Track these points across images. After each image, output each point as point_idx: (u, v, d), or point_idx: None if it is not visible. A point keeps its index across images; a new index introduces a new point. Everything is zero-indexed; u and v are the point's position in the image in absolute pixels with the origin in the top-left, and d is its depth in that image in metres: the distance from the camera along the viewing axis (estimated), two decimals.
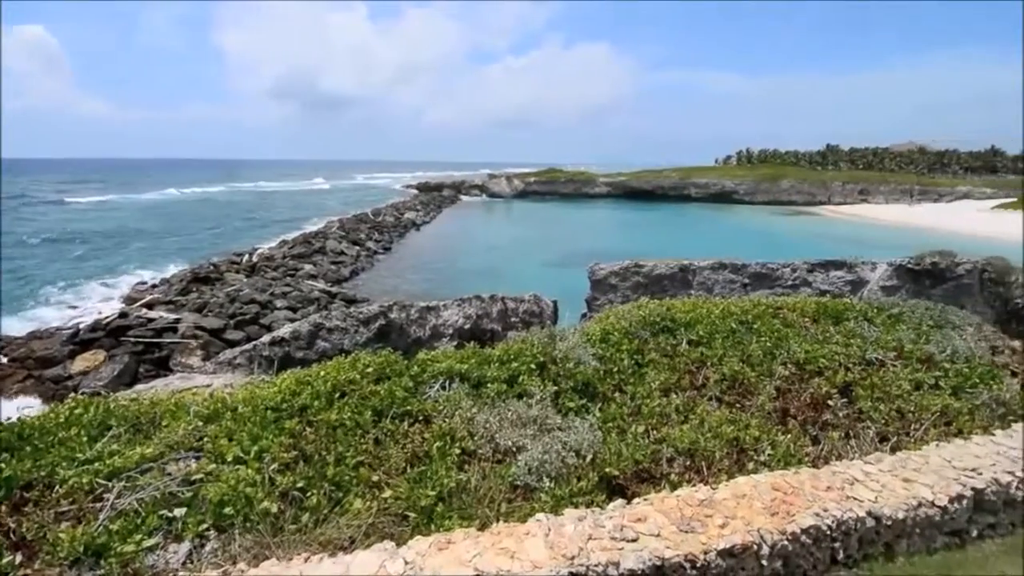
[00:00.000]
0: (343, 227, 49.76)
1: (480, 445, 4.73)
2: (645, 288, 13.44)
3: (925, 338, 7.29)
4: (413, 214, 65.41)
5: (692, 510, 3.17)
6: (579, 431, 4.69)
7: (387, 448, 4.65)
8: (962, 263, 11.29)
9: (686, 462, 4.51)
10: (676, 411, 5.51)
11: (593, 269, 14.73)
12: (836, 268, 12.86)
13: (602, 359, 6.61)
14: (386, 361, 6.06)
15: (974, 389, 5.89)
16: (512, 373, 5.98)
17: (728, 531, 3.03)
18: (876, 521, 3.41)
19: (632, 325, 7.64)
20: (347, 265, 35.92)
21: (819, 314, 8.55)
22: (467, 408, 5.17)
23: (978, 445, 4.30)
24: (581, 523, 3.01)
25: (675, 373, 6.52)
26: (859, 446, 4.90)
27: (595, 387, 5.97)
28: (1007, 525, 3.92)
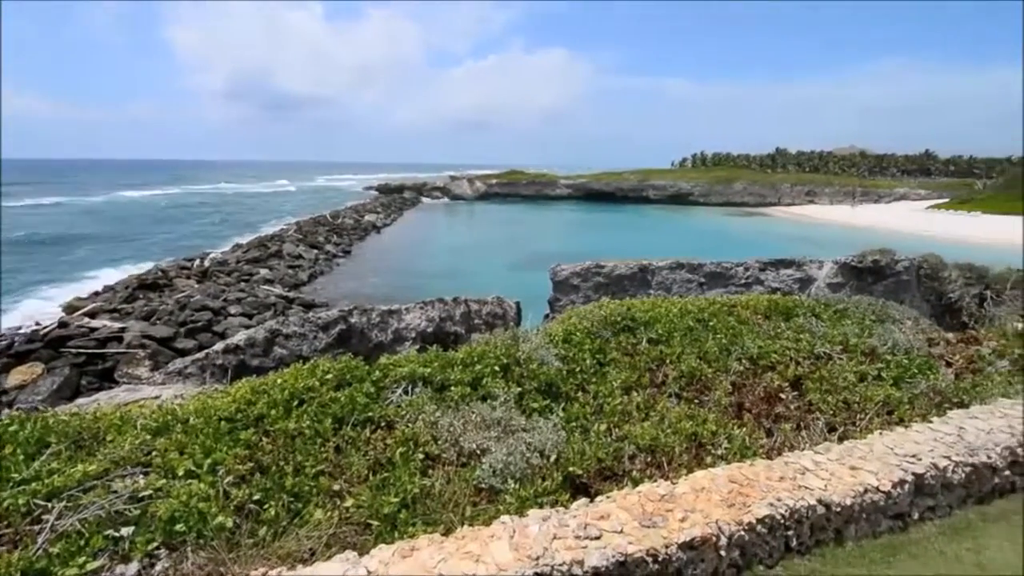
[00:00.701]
0: (301, 230, 48.52)
1: (444, 449, 4.69)
2: (606, 288, 13.67)
3: (868, 332, 7.68)
4: (374, 216, 64.41)
5: (653, 505, 3.24)
6: (543, 431, 4.72)
7: (348, 456, 4.55)
8: (900, 260, 11.97)
9: (647, 458, 4.60)
10: (637, 408, 5.62)
11: (555, 270, 14.88)
12: (786, 267, 13.42)
13: (565, 359, 6.67)
14: (346, 367, 5.93)
15: (913, 379, 6.24)
16: (476, 375, 5.95)
17: (688, 524, 3.11)
18: (826, 508, 3.56)
19: (594, 325, 7.75)
20: (305, 269, 35.04)
21: (771, 311, 8.89)
22: (430, 412, 5.12)
23: (917, 432, 4.56)
24: (546, 523, 3.03)
25: (636, 371, 6.64)
26: (810, 437, 5.12)
27: (558, 387, 6.02)
28: (945, 507, 4.17)
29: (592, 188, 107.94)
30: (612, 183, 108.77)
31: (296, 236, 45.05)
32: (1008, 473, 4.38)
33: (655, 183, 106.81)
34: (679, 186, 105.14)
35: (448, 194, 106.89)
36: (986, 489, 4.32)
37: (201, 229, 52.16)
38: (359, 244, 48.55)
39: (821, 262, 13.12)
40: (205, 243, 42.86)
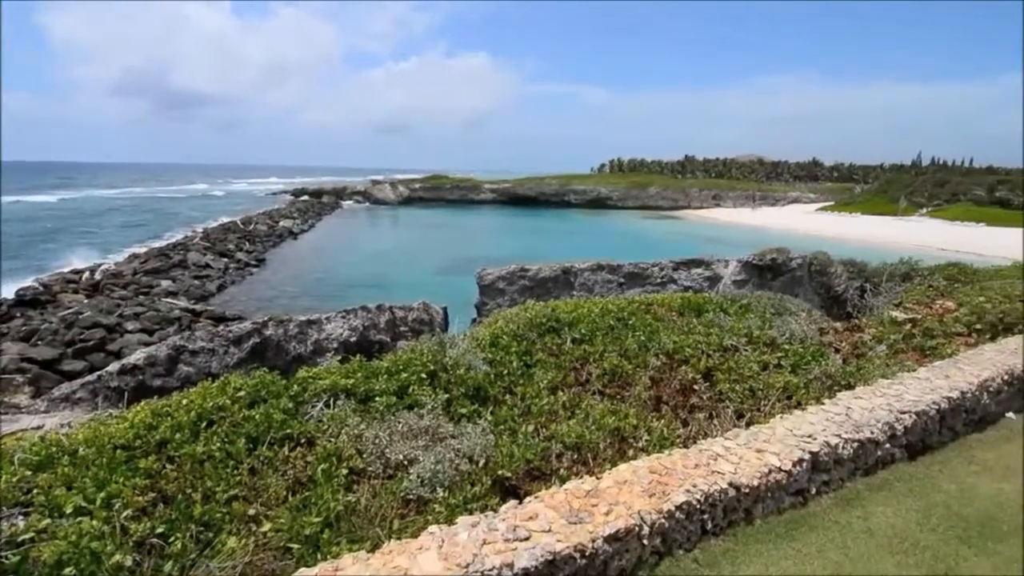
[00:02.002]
0: (208, 237, 45.25)
1: (370, 462, 4.54)
2: (531, 291, 13.88)
3: (769, 324, 8.34)
4: (289, 222, 61.38)
5: (579, 501, 3.32)
6: (471, 436, 4.70)
7: (265, 477, 4.29)
8: (794, 258, 13.14)
9: (574, 456, 4.71)
10: (563, 407, 5.74)
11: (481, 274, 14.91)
12: (696, 266, 14.29)
13: (492, 363, 6.69)
14: (261, 382, 5.60)
15: (808, 366, 6.85)
16: (402, 384, 5.83)
17: (612, 517, 3.21)
18: (736, 490, 3.82)
19: (520, 327, 7.84)
20: (213, 279, 32.72)
21: (684, 308, 9.42)
22: (354, 425, 4.94)
23: (812, 414, 5.00)
24: (475, 529, 3.02)
25: (561, 371, 6.79)
26: (721, 424, 5.47)
27: (486, 391, 6.02)
28: (838, 480, 4.61)
29: (516, 193, 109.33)
30: (535, 188, 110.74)
31: (203, 244, 41.97)
32: (888, 446, 4.91)
33: (576, 188, 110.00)
34: (598, 191, 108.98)
35: (370, 199, 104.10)
36: (871, 461, 4.82)
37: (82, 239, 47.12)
38: (274, 252, 46.07)
39: (727, 261, 14.11)
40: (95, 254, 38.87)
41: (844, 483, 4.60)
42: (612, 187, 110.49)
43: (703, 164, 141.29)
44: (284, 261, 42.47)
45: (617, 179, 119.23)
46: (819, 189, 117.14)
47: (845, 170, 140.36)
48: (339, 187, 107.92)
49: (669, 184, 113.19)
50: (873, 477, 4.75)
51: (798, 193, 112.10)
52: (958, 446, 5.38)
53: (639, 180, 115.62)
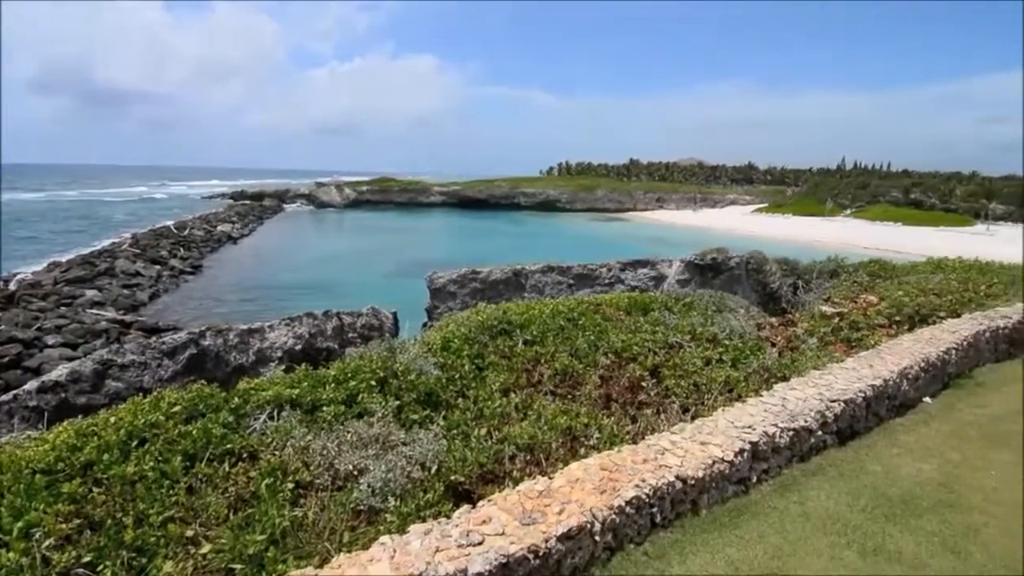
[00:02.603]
0: (137, 243, 42.55)
1: (317, 474, 4.40)
2: (482, 293, 13.86)
3: (710, 321, 8.69)
4: (228, 226, 58.65)
5: (532, 502, 3.34)
6: (423, 443, 4.64)
7: (204, 496, 4.07)
8: (733, 257, 13.75)
9: (527, 457, 4.74)
10: (516, 409, 5.76)
11: (431, 278, 14.75)
12: (642, 266, 14.70)
13: (444, 367, 6.63)
14: (198, 396, 5.32)
15: (747, 360, 7.19)
16: (350, 392, 5.68)
17: (565, 516, 3.25)
18: (683, 483, 3.95)
19: (471, 330, 7.81)
20: (145, 288, 30.80)
21: (631, 307, 9.67)
22: (300, 436, 4.77)
23: (751, 406, 5.25)
24: (427, 536, 2.98)
25: (513, 373, 6.82)
26: (667, 419, 5.65)
27: (438, 396, 5.96)
28: (776, 468, 4.85)
29: (465, 195, 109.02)
30: (485, 190, 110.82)
31: (132, 251, 39.44)
32: (820, 433, 5.22)
33: (525, 190, 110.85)
34: (547, 193, 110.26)
35: (315, 202, 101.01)
36: (805, 448, 5.10)
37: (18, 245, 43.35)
38: (212, 258, 43.88)
39: (671, 261, 14.60)
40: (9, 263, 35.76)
41: (782, 470, 4.85)
42: (561, 190, 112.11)
43: (647, 168, 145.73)
44: (223, 267, 40.53)
45: (565, 182, 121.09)
46: (754, 191, 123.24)
47: (778, 173, 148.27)
48: (281, 189, 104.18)
49: (615, 187, 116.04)
50: (808, 463, 5.03)
51: (736, 195, 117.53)
52: (882, 430, 5.78)
53: (586, 183, 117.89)
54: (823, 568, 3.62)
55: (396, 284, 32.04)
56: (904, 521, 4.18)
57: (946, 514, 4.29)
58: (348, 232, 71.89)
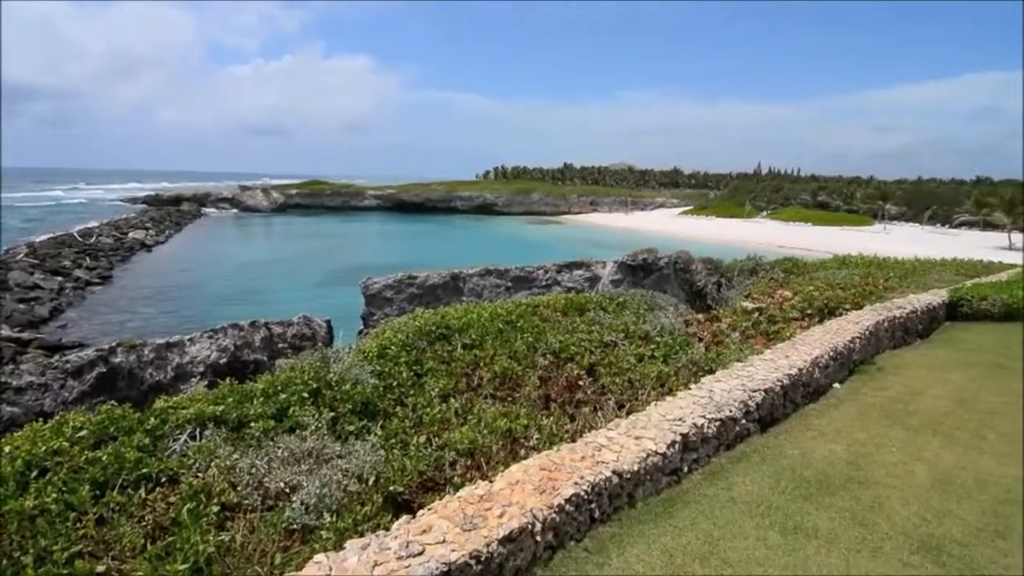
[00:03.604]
0: (35, 253, 38.66)
1: (246, 495, 4.16)
2: (420, 298, 13.69)
3: (642, 319, 9.03)
4: (142, 233, 54.52)
5: (473, 508, 3.33)
6: (360, 454, 4.50)
7: (117, 527, 3.75)
8: (662, 258, 14.38)
9: (467, 462, 4.71)
10: (455, 414, 5.72)
11: (367, 284, 14.40)
12: (578, 268, 15.06)
13: (381, 375, 6.48)
14: (109, 418, 4.90)
15: (677, 355, 7.52)
16: (281, 406, 5.43)
17: (506, 519, 3.26)
18: (619, 477, 4.07)
19: (409, 336, 7.69)
20: (45, 302, 28.03)
21: (568, 308, 9.88)
22: (226, 456, 4.50)
23: (681, 399, 5.49)
24: (365, 551, 2.89)
25: (453, 378, 6.77)
26: (604, 416, 5.80)
27: (375, 405, 5.82)
28: (705, 457, 5.10)
29: (401, 199, 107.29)
30: (421, 194, 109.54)
31: (29, 261, 35.76)
32: (744, 422, 5.54)
33: (462, 194, 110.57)
34: (484, 197, 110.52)
35: (239, 206, 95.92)
36: (731, 437, 5.39)
37: None
38: (123, 267, 40.64)
39: (604, 262, 15.06)
40: None
41: (710, 459, 5.10)
42: (497, 193, 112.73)
43: (580, 172, 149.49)
44: (136, 278, 37.59)
45: (501, 186, 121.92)
46: (680, 195, 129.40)
47: (701, 178, 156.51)
48: (201, 193, 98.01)
49: (550, 190, 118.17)
50: (733, 451, 5.32)
51: (664, 199, 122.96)
52: (798, 416, 6.21)
53: (522, 187, 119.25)
54: (750, 549, 3.84)
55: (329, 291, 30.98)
56: (819, 499, 4.51)
57: (855, 490, 4.67)
58: (277, 238, 68.77)
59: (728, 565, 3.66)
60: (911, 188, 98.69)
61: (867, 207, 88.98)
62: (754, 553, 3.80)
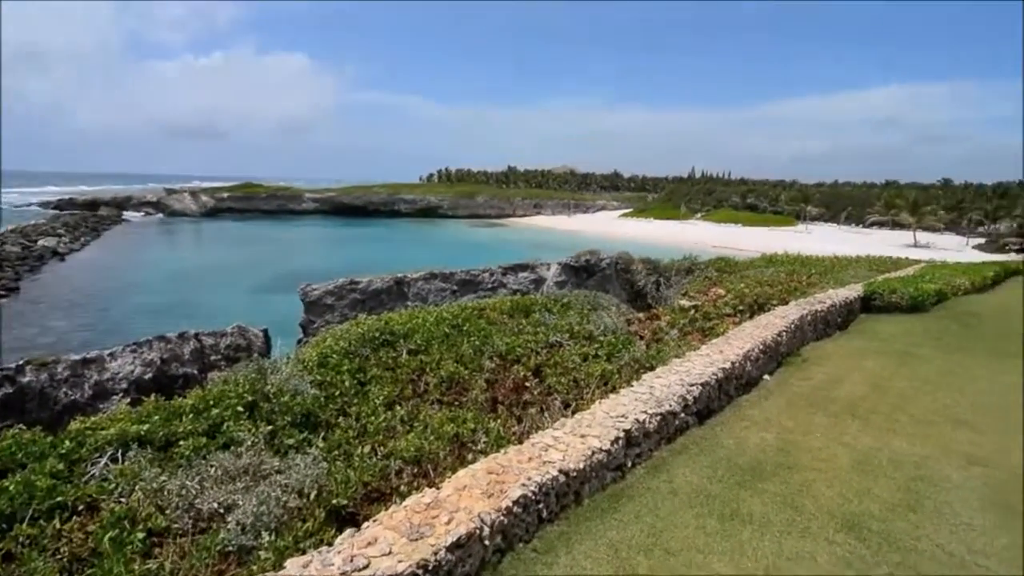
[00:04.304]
0: None
1: (175, 518, 3.91)
2: (363, 304, 13.36)
3: (586, 319, 9.21)
4: (53, 240, 50.17)
5: (420, 516, 3.28)
6: (300, 468, 4.33)
7: (28, 562, 3.43)
8: (604, 259, 14.74)
9: (414, 470, 4.64)
10: (401, 422, 5.62)
11: (305, 290, 13.91)
12: (523, 270, 15.19)
13: (322, 384, 6.28)
14: (16, 443, 4.49)
15: (620, 354, 7.72)
16: (214, 422, 5.15)
17: (454, 525, 3.23)
18: (566, 476, 4.13)
19: (351, 344, 7.49)
20: None
21: (514, 310, 9.94)
22: (152, 478, 4.21)
23: (624, 396, 5.64)
24: (306, 569, 2.78)
25: (398, 384, 6.65)
26: (551, 416, 5.87)
27: (316, 416, 5.63)
28: (647, 451, 5.26)
29: (341, 202, 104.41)
30: (362, 197, 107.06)
31: None
32: (683, 415, 5.76)
33: (405, 197, 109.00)
34: (428, 200, 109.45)
35: (165, 210, 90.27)
36: (671, 430, 5.59)
37: None
38: (32, 278, 37.28)
39: (549, 264, 15.27)
40: None
41: (652, 453, 5.26)
42: (441, 196, 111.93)
43: (524, 175, 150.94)
44: (47, 289, 34.56)
45: (446, 189, 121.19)
46: (621, 197, 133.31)
47: (640, 181, 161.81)
48: (122, 197, 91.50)
49: (495, 193, 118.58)
50: (674, 444, 5.52)
51: (605, 201, 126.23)
52: (733, 407, 6.53)
53: (467, 190, 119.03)
54: (690, 537, 3.99)
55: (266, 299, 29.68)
56: (753, 486, 4.76)
57: (784, 475, 4.95)
58: (207, 243, 65.18)
59: (670, 555, 3.79)
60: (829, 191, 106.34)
61: (791, 209, 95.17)
62: (694, 541, 3.95)
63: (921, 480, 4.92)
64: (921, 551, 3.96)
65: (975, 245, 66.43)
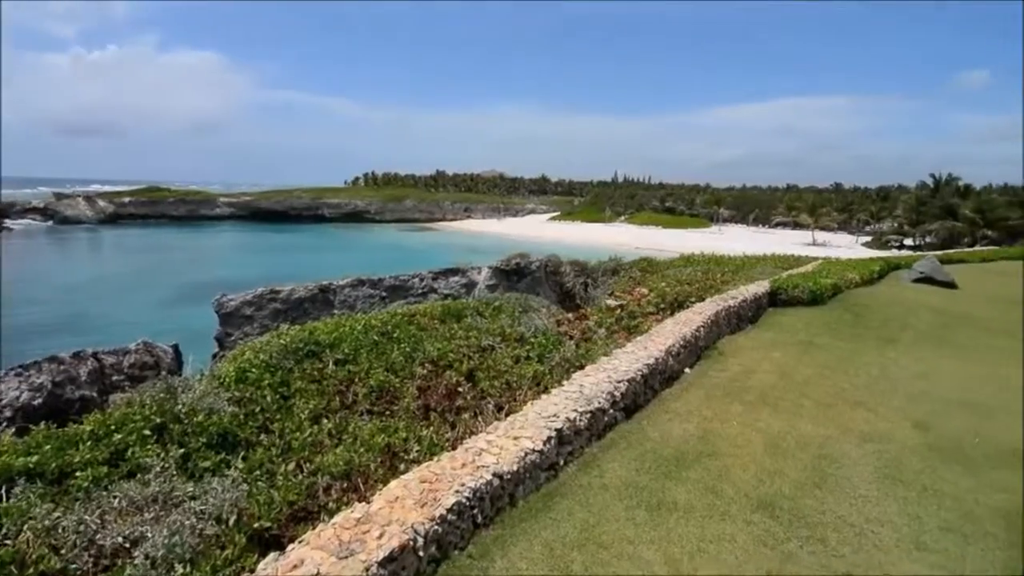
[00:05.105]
0: None
1: (73, 558, 3.53)
2: (285, 314, 12.74)
3: (518, 322, 9.31)
4: None
5: (350, 532, 3.16)
6: (218, 492, 4.05)
7: None
8: (533, 261, 14.97)
9: (343, 485, 4.47)
10: (329, 435, 5.40)
11: (220, 301, 13.05)
12: (454, 274, 15.11)
13: (241, 401, 5.91)
14: None
15: (550, 354, 7.86)
16: (116, 448, 4.72)
17: (386, 539, 3.14)
18: (500, 479, 4.14)
19: (273, 356, 7.11)
20: None
21: (445, 315, 9.85)
22: (44, 515, 3.78)
23: (555, 396, 5.75)
24: None
25: (325, 397, 6.39)
26: (484, 420, 5.86)
27: (235, 435, 5.29)
28: (579, 449, 5.39)
29: (260, 207, 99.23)
30: (283, 201, 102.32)
31: None
32: (611, 411, 5.95)
33: (330, 201, 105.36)
34: (354, 204, 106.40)
35: (54, 217, 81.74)
36: (601, 427, 5.76)
37: None
38: None
39: (480, 268, 15.30)
40: None
41: (583, 450, 5.40)
42: (368, 200, 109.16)
43: (453, 179, 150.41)
44: None
45: (372, 192, 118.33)
46: (549, 201, 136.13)
47: (567, 185, 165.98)
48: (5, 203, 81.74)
49: (424, 197, 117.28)
50: (604, 439, 5.69)
51: (533, 205, 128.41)
52: (657, 401, 6.83)
53: (395, 193, 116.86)
54: (621, 529, 4.13)
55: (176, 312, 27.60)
56: (677, 475, 5.00)
57: (705, 462, 5.25)
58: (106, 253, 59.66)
59: (602, 548, 3.90)
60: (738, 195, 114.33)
61: (705, 211, 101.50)
62: (625, 533, 4.10)
63: (824, 458, 5.38)
64: (826, 524, 4.33)
65: (863, 242, 73.85)
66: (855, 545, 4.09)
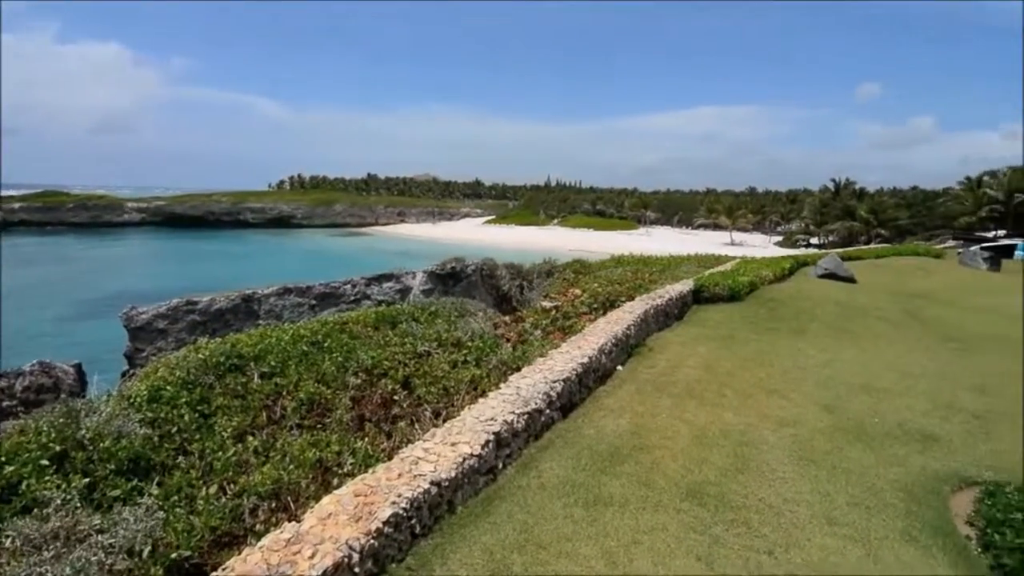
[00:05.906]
0: None
1: None
2: (204, 327, 11.95)
3: (454, 327, 9.23)
4: None
5: (279, 554, 3.01)
6: (129, 523, 3.73)
7: None
8: (469, 265, 14.94)
9: (272, 505, 4.25)
10: (255, 453, 5.12)
11: (129, 315, 12.04)
12: (387, 280, 14.79)
13: (154, 423, 5.49)
14: None
15: (487, 357, 7.85)
16: (8, 481, 4.24)
17: (319, 558, 3.02)
18: (438, 487, 4.09)
19: (191, 372, 6.66)
20: None
21: (379, 322, 9.61)
22: None
23: (492, 399, 5.75)
24: None
25: (249, 413, 6.06)
26: (421, 427, 5.77)
27: (148, 459, 4.90)
28: (517, 450, 5.42)
29: (174, 212, 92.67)
30: (201, 206, 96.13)
31: None
32: (548, 411, 6.04)
33: (253, 205, 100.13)
34: (280, 208, 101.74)
35: None
36: (538, 428, 5.83)
37: None
38: None
39: (414, 273, 15.07)
40: None
41: (521, 451, 5.44)
42: (295, 204, 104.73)
43: (386, 182, 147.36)
44: None
45: (299, 196, 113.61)
46: (483, 205, 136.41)
47: (501, 189, 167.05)
48: None
49: (355, 201, 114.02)
50: (541, 440, 5.76)
51: (468, 208, 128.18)
52: (592, 399, 7.00)
53: (323, 197, 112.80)
54: (559, 528, 4.20)
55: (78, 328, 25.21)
56: (612, 470, 5.15)
57: (638, 456, 5.44)
58: None
59: (542, 548, 3.95)
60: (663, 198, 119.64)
61: (633, 214, 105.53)
62: (563, 531, 4.16)
63: (746, 445, 5.73)
64: (749, 506, 4.60)
65: (775, 242, 79.55)
66: (774, 524, 4.38)
